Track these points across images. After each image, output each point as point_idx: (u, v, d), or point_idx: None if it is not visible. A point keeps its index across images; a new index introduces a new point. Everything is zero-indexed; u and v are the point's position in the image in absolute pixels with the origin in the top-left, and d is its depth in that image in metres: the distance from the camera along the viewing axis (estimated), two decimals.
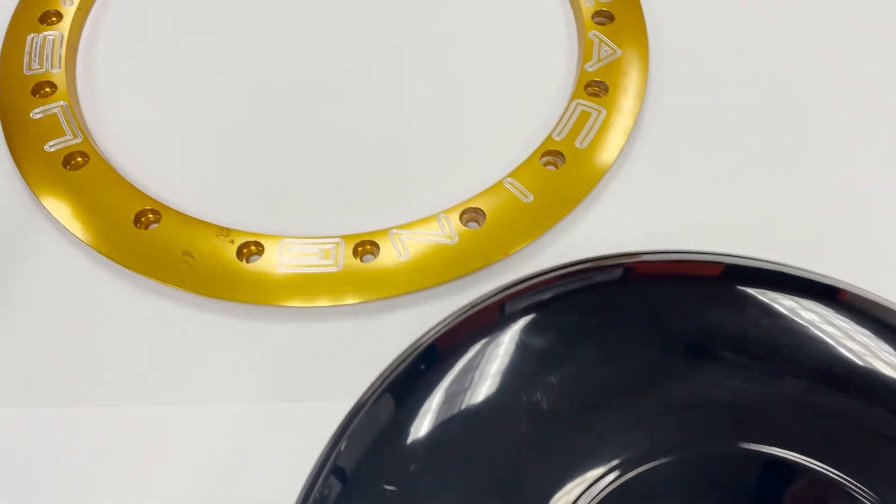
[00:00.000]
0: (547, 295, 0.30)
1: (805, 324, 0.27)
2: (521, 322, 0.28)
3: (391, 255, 0.34)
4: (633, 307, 0.29)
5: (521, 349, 0.27)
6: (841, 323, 0.26)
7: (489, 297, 0.29)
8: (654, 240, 0.35)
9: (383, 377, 0.28)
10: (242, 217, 0.36)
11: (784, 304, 0.28)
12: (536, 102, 0.40)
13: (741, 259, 0.30)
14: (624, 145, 0.38)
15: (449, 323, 0.29)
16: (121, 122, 0.39)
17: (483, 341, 0.28)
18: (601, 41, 0.41)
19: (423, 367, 0.28)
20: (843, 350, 0.27)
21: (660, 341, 0.28)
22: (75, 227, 0.35)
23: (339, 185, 0.37)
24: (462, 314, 0.29)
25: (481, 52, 0.42)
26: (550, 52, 0.42)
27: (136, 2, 0.44)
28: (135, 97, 0.40)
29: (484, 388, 0.27)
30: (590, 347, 0.28)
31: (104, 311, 0.34)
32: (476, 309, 0.29)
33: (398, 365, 0.28)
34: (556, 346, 0.28)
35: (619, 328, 0.29)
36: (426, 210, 0.36)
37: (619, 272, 0.30)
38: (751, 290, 0.28)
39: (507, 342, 0.28)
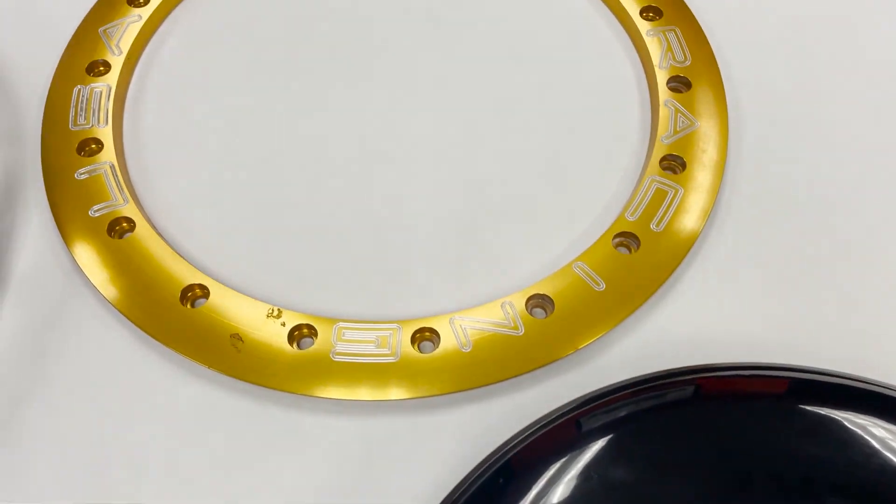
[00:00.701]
0: (623, 412, 0.27)
1: None
2: (599, 444, 0.26)
3: (452, 344, 0.32)
4: (722, 434, 0.26)
5: (602, 480, 0.25)
6: None
7: (563, 414, 0.27)
8: (736, 339, 0.33)
9: (460, 490, 0.26)
10: (295, 294, 0.34)
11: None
12: (607, 176, 0.37)
13: (848, 380, 0.27)
14: (702, 228, 0.35)
15: (525, 438, 0.27)
16: (169, 184, 0.37)
17: (561, 461, 0.26)
18: (677, 111, 0.38)
19: (501, 481, 0.26)
20: None
21: (755, 478, 0.25)
22: (119, 300, 0.33)
23: (397, 263, 0.35)
24: (538, 429, 0.27)
25: (546, 119, 0.39)
26: (622, 121, 0.39)
27: (187, 52, 0.42)
28: (184, 157, 0.38)
29: None
30: (676, 483, 0.25)
31: (147, 396, 0.32)
32: (552, 426, 0.27)
33: (476, 479, 0.26)
34: (638, 480, 0.25)
35: (707, 459, 0.26)
36: (489, 292, 0.34)
37: (702, 390, 0.28)
38: (856, 419, 0.26)
39: (585, 468, 0.26)
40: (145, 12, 0.42)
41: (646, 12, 0.42)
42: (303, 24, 0.43)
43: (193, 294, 0.33)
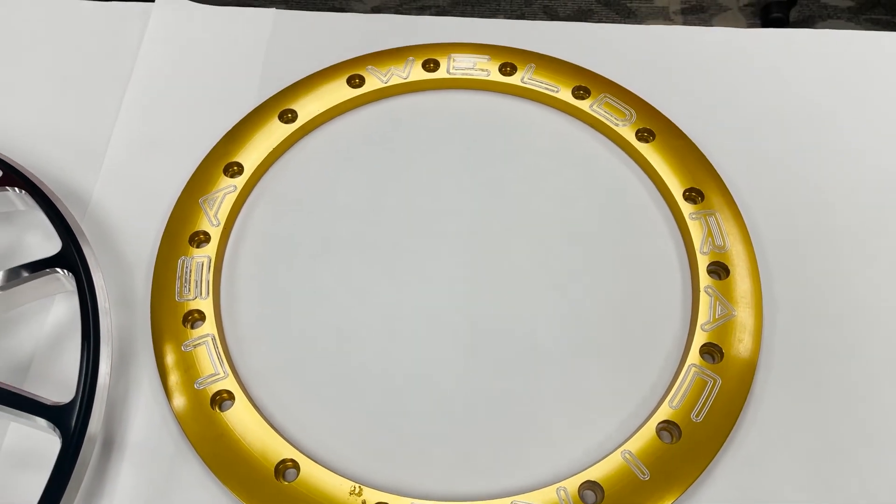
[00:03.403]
0: None
1: None
2: None
3: None
4: None
5: None
6: None
7: None
8: None
9: None
10: (374, 467, 0.38)
11: None
12: (650, 357, 0.42)
13: None
14: (737, 418, 0.39)
15: None
16: (262, 354, 0.42)
17: None
18: (716, 298, 0.42)
19: None
20: None
21: None
22: (220, 470, 0.38)
23: (463, 437, 0.39)
24: None
25: (595, 296, 0.44)
26: (664, 302, 0.43)
27: (274, 219, 0.47)
28: (274, 327, 0.43)
29: None
30: None
31: None
32: None
33: None
34: None
35: None
36: (545, 473, 0.38)
37: None
38: None
39: None
40: (239, 182, 0.47)
41: (689, 192, 0.46)
42: (378, 192, 0.47)
43: (285, 466, 0.38)
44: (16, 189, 0.43)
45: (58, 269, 0.40)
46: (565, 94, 0.51)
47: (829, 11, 1.64)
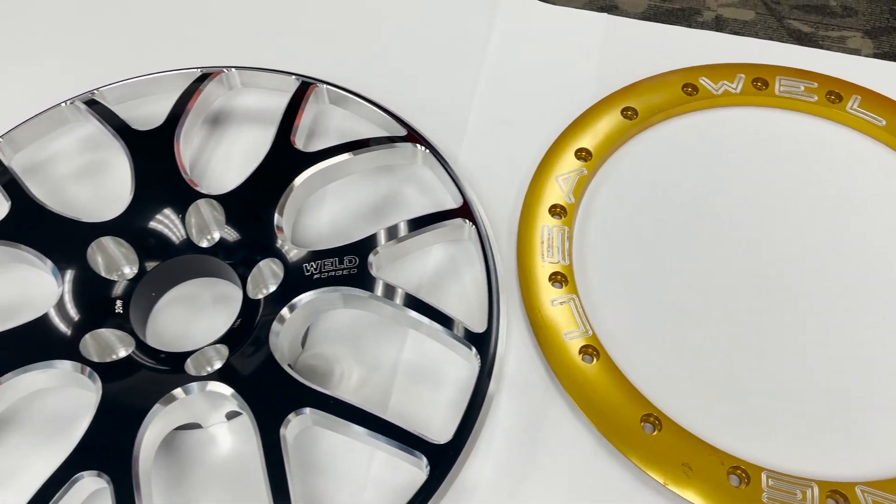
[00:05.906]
0: None
1: None
2: None
3: None
4: None
5: None
6: None
7: None
8: None
9: None
10: (725, 435, 0.43)
11: None
12: None
13: None
14: None
15: None
16: (612, 318, 0.47)
17: None
18: None
19: None
20: None
21: None
22: (590, 413, 0.43)
23: (806, 425, 0.44)
24: None
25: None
26: None
27: (615, 200, 0.52)
28: (621, 296, 0.48)
29: None
30: None
31: (604, 495, 0.42)
32: None
33: None
34: None
35: None
36: (885, 465, 0.42)
37: None
38: None
39: None
40: (588, 166, 0.53)
41: None
42: (704, 189, 0.52)
43: (648, 420, 0.43)
44: (419, 146, 0.50)
45: (465, 220, 0.47)
46: (892, 128, 0.54)
47: None
